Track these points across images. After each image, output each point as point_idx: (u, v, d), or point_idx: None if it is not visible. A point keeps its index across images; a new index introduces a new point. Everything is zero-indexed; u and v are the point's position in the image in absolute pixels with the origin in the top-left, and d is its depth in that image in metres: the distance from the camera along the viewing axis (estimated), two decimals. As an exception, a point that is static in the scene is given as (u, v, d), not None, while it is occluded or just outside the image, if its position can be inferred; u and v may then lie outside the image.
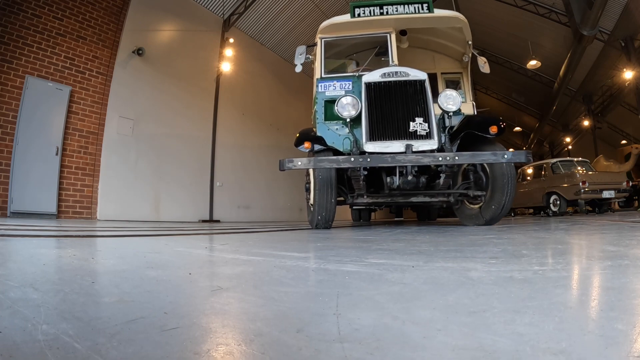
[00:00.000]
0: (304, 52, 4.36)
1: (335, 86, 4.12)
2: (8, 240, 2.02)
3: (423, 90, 3.55)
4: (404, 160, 3.14)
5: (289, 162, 3.12)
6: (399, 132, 3.43)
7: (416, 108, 3.47)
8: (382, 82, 3.60)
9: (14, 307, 0.63)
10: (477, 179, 3.78)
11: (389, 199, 4.06)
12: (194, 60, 9.36)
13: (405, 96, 3.52)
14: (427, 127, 3.42)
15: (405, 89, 3.55)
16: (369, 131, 3.48)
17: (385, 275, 0.95)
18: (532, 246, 1.50)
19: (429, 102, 3.50)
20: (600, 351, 0.42)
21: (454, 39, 4.80)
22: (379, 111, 3.52)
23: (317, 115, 4.07)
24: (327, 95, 4.12)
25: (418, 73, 3.62)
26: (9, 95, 6.02)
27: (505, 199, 3.54)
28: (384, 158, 3.15)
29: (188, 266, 1.19)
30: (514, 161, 3.23)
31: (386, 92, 3.56)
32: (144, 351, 0.45)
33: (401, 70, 3.63)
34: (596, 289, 0.71)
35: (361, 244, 1.99)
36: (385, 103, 3.52)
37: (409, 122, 3.43)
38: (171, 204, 8.41)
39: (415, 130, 3.40)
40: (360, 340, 0.48)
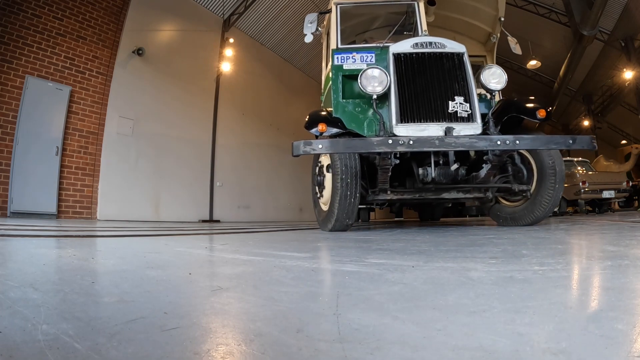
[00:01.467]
0: (314, 21, 3.85)
1: (355, 58, 3.49)
2: (8, 240, 2.02)
3: (462, 65, 3.05)
4: (455, 143, 2.55)
5: (306, 145, 2.51)
6: (436, 113, 2.90)
7: (455, 85, 2.97)
8: (414, 54, 3.05)
9: (14, 307, 0.63)
10: (517, 171, 3.27)
11: (417, 195, 3.46)
12: (194, 60, 9.36)
13: (442, 71, 3.01)
14: (469, 108, 2.92)
15: (441, 62, 3.04)
16: (400, 111, 2.93)
17: (385, 275, 0.95)
18: (532, 246, 1.50)
19: (470, 79, 3.00)
20: (600, 351, 0.42)
21: (482, 15, 4.26)
22: (410, 88, 2.98)
23: (334, 93, 3.42)
24: (346, 69, 3.48)
25: (455, 45, 3.11)
26: (9, 95, 6.02)
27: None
28: (429, 140, 2.53)
29: (188, 266, 1.19)
30: (579, 148, 2.74)
31: (419, 65, 3.03)
32: (144, 351, 0.45)
33: (436, 41, 3.08)
34: (596, 289, 0.71)
35: (361, 244, 1.99)
36: (418, 78, 3.00)
37: (448, 102, 2.91)
38: (171, 204, 8.41)
39: (456, 111, 2.89)
40: (360, 340, 0.48)
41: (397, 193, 3.45)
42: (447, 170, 2.98)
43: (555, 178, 3.05)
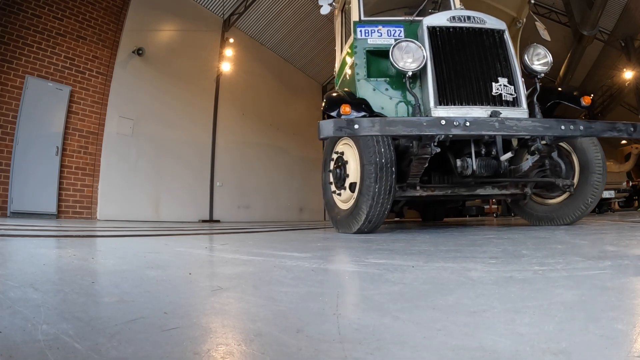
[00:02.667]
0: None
1: (381, 32, 3.07)
2: (8, 240, 2.02)
3: (503, 43, 2.75)
4: (517, 127, 2.18)
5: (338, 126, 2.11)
6: (479, 96, 2.59)
7: (497, 65, 2.68)
8: (451, 28, 2.73)
9: (14, 307, 0.63)
10: (554, 165, 2.98)
11: (449, 191, 3.09)
12: (194, 60, 9.36)
13: (483, 49, 2.71)
14: (514, 91, 2.63)
15: (481, 39, 2.74)
16: (438, 92, 2.60)
17: (385, 275, 0.95)
18: (532, 246, 1.50)
19: (513, 59, 2.72)
20: (600, 351, 0.42)
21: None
22: (449, 65, 2.66)
23: (357, 70, 3.00)
24: (371, 44, 3.05)
25: (495, 21, 2.81)
26: (9, 95, 6.02)
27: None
28: (487, 122, 2.17)
29: (188, 266, 1.19)
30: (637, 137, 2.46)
31: (457, 41, 2.71)
32: (144, 351, 0.45)
33: (475, 15, 2.77)
34: (596, 289, 0.71)
35: (361, 244, 1.99)
36: (457, 55, 2.69)
37: (491, 83, 2.61)
38: (171, 204, 8.41)
39: (500, 93, 2.59)
40: (360, 340, 0.48)
41: (427, 189, 3.03)
42: (489, 161, 2.68)
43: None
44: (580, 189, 2.91)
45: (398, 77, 2.77)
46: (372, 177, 2.53)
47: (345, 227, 2.87)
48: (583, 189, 2.89)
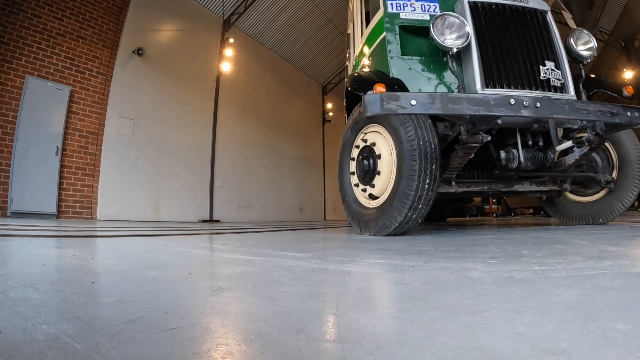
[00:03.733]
0: None
1: (415, 7, 2.77)
2: (8, 240, 2.02)
3: (547, 25, 2.56)
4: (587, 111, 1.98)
5: (389, 101, 1.84)
6: (527, 79, 2.38)
7: (542, 48, 2.48)
8: (493, 4, 2.51)
9: (14, 307, 0.63)
10: (589, 160, 2.82)
11: (486, 187, 2.84)
12: (194, 60, 9.36)
13: (527, 29, 2.50)
14: (561, 76, 2.43)
15: (524, 18, 2.52)
16: (484, 72, 2.36)
17: (385, 275, 0.95)
18: (532, 246, 1.50)
19: (558, 42, 2.53)
20: (600, 351, 0.42)
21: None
22: (494, 44, 2.43)
23: (389, 47, 2.68)
24: (404, 19, 2.74)
25: (537, 1, 2.61)
26: (9, 95, 6.03)
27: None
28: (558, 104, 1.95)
29: (188, 266, 1.19)
30: None
31: (500, 18, 2.49)
32: (144, 351, 0.45)
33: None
34: (596, 289, 0.71)
35: (361, 244, 1.99)
36: (501, 34, 2.47)
37: (539, 66, 2.41)
38: (171, 204, 8.41)
39: (548, 78, 2.39)
40: (360, 340, 0.48)
41: (462, 184, 2.76)
42: (535, 153, 2.47)
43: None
44: (618, 186, 2.76)
45: (436, 55, 2.49)
46: (414, 168, 2.19)
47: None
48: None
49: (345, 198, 2.84)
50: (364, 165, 2.61)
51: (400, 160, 2.30)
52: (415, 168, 2.20)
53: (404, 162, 2.26)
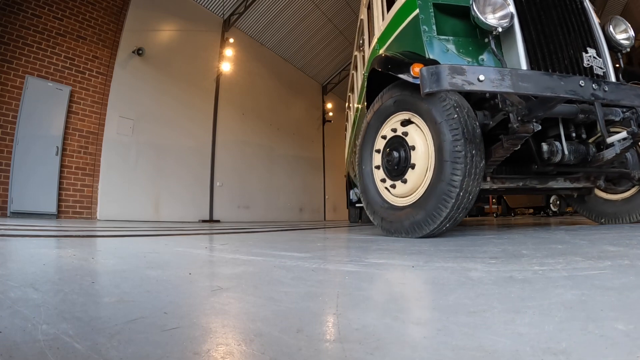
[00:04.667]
0: None
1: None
2: (8, 240, 2.02)
3: (585, 10, 2.39)
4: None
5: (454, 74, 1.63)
6: (572, 65, 2.19)
7: (583, 34, 2.31)
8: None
9: (14, 307, 0.63)
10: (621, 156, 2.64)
11: (521, 183, 2.64)
12: (194, 60, 9.37)
13: (567, 14, 2.32)
14: (603, 65, 2.27)
15: (564, 2, 2.36)
16: (528, 57, 2.15)
17: (385, 275, 0.95)
18: (532, 246, 1.50)
19: (598, 29, 2.37)
20: (600, 351, 0.42)
21: None
22: (537, 27, 2.22)
23: (424, 26, 2.43)
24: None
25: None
26: (9, 95, 6.03)
27: None
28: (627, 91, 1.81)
29: (188, 266, 1.19)
30: None
31: (541, 1, 2.30)
32: (144, 351, 0.45)
33: None
34: (596, 289, 0.71)
35: (361, 244, 1.99)
36: (543, 17, 2.27)
37: (582, 53, 2.23)
38: (171, 204, 8.42)
39: (591, 66, 2.22)
40: (360, 340, 0.48)
41: (497, 180, 2.56)
42: (578, 146, 2.29)
43: None
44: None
45: (474, 37, 2.31)
46: (458, 161, 1.93)
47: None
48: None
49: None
50: (393, 158, 2.34)
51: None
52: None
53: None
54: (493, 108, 2.16)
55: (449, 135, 1.98)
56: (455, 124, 1.96)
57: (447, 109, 2.01)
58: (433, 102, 2.08)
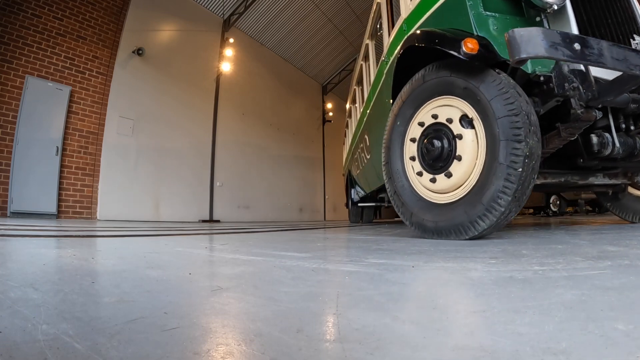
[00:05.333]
0: None
1: None
2: (8, 240, 2.02)
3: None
4: None
5: (548, 39, 1.44)
6: None
7: (628, 20, 2.21)
8: None
9: (14, 307, 0.63)
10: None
11: (562, 178, 2.46)
12: (194, 60, 9.37)
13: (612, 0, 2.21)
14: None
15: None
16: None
17: (385, 275, 0.95)
18: (532, 246, 1.50)
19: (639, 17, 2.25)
20: (600, 351, 0.42)
21: None
22: (587, 10, 2.10)
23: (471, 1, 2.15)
24: None
25: None
26: (9, 95, 6.03)
27: None
28: None
29: (188, 266, 1.19)
30: None
31: None
32: (144, 351, 0.45)
33: None
34: (596, 289, 0.71)
35: (361, 244, 1.99)
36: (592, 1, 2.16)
37: (629, 39, 2.13)
38: (171, 204, 8.42)
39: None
40: (360, 340, 0.48)
41: (539, 175, 2.35)
42: (626, 138, 2.14)
43: None
44: None
45: (521, 15, 2.16)
46: (518, 152, 1.69)
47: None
48: None
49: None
50: (434, 148, 2.07)
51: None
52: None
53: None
54: (545, 93, 1.92)
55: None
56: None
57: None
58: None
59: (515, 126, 1.71)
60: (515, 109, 1.73)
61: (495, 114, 1.78)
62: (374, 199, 6.11)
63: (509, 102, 1.74)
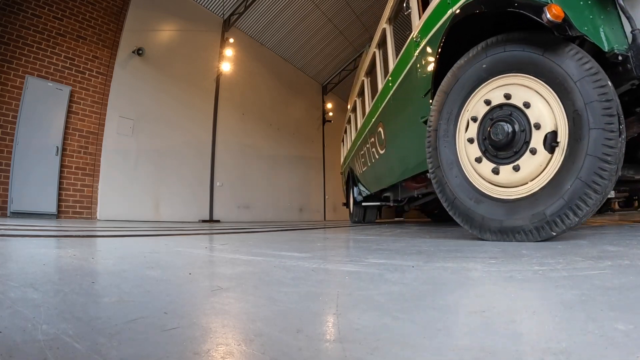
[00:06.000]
0: None
1: None
2: (8, 240, 2.02)
3: None
4: None
5: None
6: None
7: None
8: None
9: (14, 307, 0.63)
10: None
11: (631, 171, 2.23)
12: (194, 60, 9.37)
13: None
14: None
15: None
16: None
17: (385, 275, 0.95)
18: (532, 246, 1.50)
19: None
20: (600, 351, 0.42)
21: None
22: None
23: None
24: None
25: None
26: (9, 95, 6.03)
27: None
28: None
29: (188, 266, 1.19)
30: None
31: None
32: (144, 351, 0.45)
33: None
34: (596, 289, 0.71)
35: (361, 244, 1.99)
36: None
37: None
38: (171, 204, 8.42)
39: None
40: (360, 340, 0.48)
41: None
42: None
43: None
44: None
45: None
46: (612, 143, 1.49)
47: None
48: None
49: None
50: (502, 133, 1.77)
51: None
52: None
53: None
54: (620, 74, 1.72)
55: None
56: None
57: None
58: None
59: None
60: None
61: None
62: (379, 198, 5.82)
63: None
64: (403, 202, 5.05)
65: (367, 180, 5.68)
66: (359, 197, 6.67)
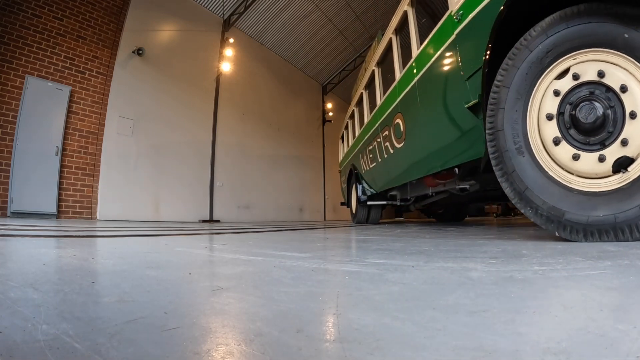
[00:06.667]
0: None
1: None
2: (8, 240, 2.02)
3: None
4: None
5: None
6: None
7: None
8: None
9: (14, 307, 0.63)
10: None
11: None
12: (194, 60, 9.37)
13: None
14: None
15: None
16: None
17: (385, 275, 0.95)
18: (532, 246, 1.50)
19: None
20: (600, 351, 0.42)
21: None
22: None
23: None
24: None
25: None
26: (9, 95, 6.03)
27: None
28: None
29: (188, 266, 1.19)
30: None
31: None
32: (144, 351, 0.45)
33: None
34: (596, 289, 0.71)
35: (361, 244, 1.99)
36: None
37: None
38: (171, 204, 8.42)
39: None
40: (360, 340, 0.48)
41: None
42: None
43: None
44: None
45: None
46: None
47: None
48: None
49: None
50: (591, 116, 1.52)
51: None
52: None
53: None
54: None
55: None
56: None
57: None
58: None
59: None
60: None
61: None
62: (384, 197, 5.53)
63: None
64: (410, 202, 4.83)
65: (375, 178, 5.30)
66: (363, 196, 6.25)
